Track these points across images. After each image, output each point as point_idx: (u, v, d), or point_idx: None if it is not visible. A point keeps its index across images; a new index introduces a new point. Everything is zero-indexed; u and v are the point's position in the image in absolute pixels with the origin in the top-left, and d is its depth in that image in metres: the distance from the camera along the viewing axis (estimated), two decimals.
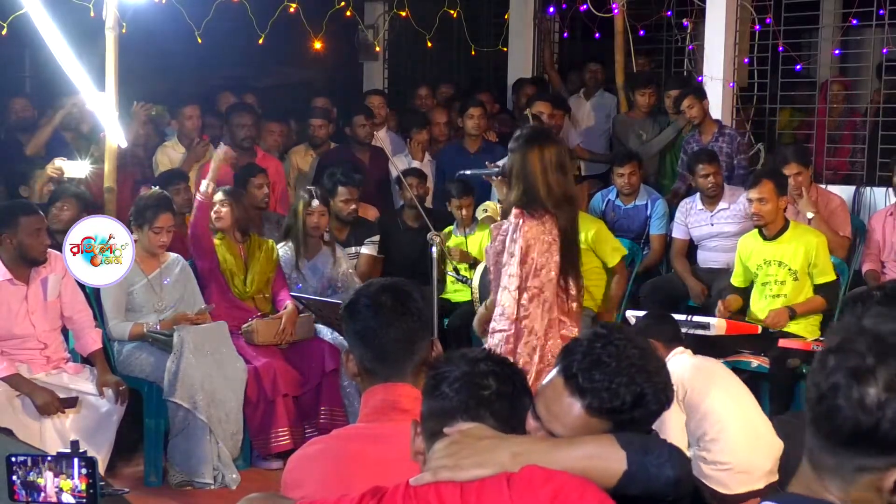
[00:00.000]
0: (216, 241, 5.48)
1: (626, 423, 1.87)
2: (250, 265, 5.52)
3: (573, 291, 4.03)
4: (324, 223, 5.83)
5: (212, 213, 5.44)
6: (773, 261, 5.47)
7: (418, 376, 2.26)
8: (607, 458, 1.75)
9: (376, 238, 6.31)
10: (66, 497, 2.46)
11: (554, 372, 1.92)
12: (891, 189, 6.31)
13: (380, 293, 2.29)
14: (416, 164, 7.14)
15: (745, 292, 5.65)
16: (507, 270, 3.92)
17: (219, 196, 5.49)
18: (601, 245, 5.94)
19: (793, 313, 5.36)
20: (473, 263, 5.89)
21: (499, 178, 4.16)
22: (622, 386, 1.84)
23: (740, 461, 4.15)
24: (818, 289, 5.46)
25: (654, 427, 1.96)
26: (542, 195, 3.92)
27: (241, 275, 5.50)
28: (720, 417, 4.13)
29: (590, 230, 5.87)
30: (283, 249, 5.77)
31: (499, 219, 4.41)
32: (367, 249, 6.27)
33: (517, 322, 3.89)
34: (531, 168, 3.94)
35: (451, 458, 1.76)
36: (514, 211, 3.94)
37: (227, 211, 5.48)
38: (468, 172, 4.69)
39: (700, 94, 6.77)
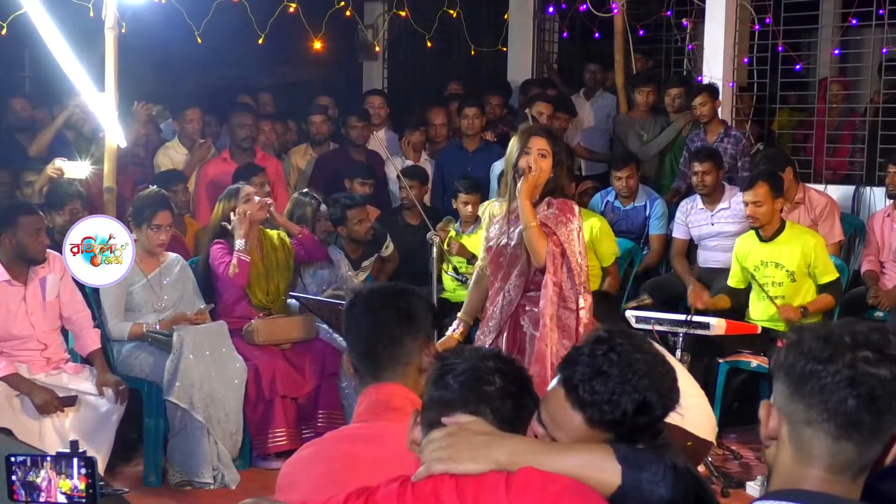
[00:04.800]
0: None
1: (629, 430, 1.86)
2: (271, 274, 5.49)
3: None
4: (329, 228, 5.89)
5: (254, 205, 5.35)
6: (769, 262, 5.48)
7: (409, 378, 2.26)
8: (602, 470, 1.74)
9: (390, 244, 6.30)
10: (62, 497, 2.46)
11: (556, 381, 1.91)
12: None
13: (373, 296, 2.33)
14: (414, 162, 7.14)
15: (743, 293, 5.65)
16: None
17: (250, 188, 5.47)
18: (603, 241, 5.95)
19: (805, 312, 5.36)
20: (471, 260, 5.88)
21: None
22: (624, 395, 1.82)
23: (697, 405, 4.26)
24: (823, 289, 5.46)
25: None
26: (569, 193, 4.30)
27: (263, 284, 5.46)
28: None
29: (594, 224, 5.88)
30: None
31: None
32: (385, 253, 6.30)
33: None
34: (566, 167, 4.20)
35: (447, 451, 1.76)
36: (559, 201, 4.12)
37: (263, 201, 5.48)
38: None
39: (714, 94, 6.79)
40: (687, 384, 4.36)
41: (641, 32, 8.21)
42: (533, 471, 1.72)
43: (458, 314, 4.42)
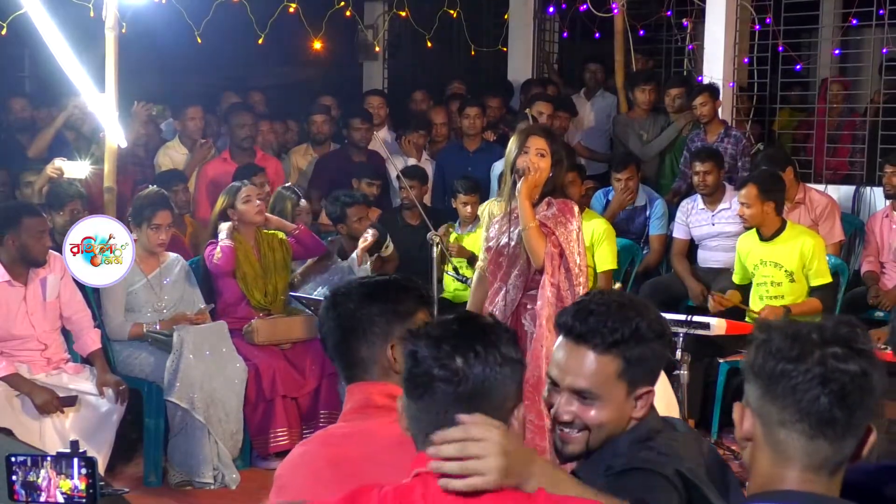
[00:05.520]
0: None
1: (635, 361, 2.01)
2: (269, 274, 5.48)
3: None
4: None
5: (252, 207, 5.38)
6: (769, 261, 5.48)
7: (390, 377, 2.18)
8: None
9: (390, 244, 6.26)
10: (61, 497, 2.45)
11: (557, 337, 2.09)
12: None
13: (350, 293, 2.27)
14: (414, 162, 7.13)
15: (746, 290, 5.66)
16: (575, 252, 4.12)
17: (252, 189, 5.47)
18: (604, 245, 5.89)
19: (788, 313, 5.36)
20: (471, 260, 5.87)
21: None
22: (616, 321, 2.01)
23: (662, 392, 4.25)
24: (813, 291, 5.46)
25: None
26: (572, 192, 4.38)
27: (261, 285, 5.45)
28: None
29: (598, 227, 5.82)
30: None
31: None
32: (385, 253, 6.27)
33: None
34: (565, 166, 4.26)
35: (500, 459, 1.66)
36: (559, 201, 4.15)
37: (263, 204, 5.47)
38: None
39: (714, 94, 6.79)
40: (658, 391, 4.36)
41: (641, 32, 8.21)
42: (552, 497, 1.70)
43: None
